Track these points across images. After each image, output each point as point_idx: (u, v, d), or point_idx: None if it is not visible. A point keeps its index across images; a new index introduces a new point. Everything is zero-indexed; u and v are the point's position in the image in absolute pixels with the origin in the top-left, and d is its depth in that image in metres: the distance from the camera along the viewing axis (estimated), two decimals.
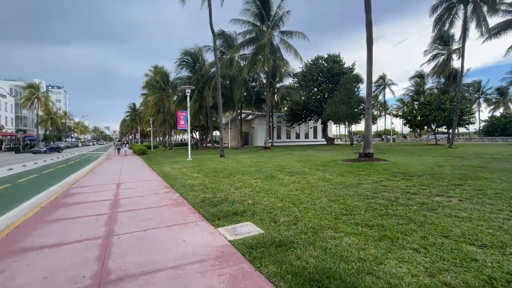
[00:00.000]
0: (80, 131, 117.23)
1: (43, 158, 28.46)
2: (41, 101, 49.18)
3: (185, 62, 31.25)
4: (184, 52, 30.81)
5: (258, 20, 25.76)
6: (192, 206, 6.03)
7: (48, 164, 20.36)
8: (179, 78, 33.27)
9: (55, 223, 5.06)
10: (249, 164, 13.75)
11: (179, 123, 18.62)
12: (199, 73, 30.38)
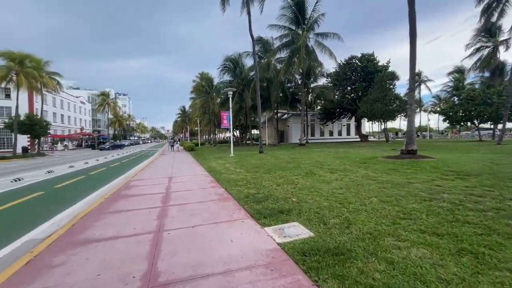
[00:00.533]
0: (141, 131, 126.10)
1: (109, 154, 30.68)
2: (110, 106, 53.58)
3: (227, 68, 31.39)
4: (226, 59, 30.95)
5: (293, 24, 24.73)
6: (237, 201, 5.58)
7: (114, 159, 21.79)
8: (221, 82, 33.60)
9: (114, 215, 4.95)
10: (287, 160, 13.07)
11: (222, 123, 18.56)
12: (240, 77, 30.28)
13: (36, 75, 25.19)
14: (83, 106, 62.42)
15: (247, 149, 27.34)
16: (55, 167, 16.03)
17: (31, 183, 9.74)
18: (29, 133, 27.65)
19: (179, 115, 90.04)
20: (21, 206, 6.41)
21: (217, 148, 33.22)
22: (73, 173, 12.84)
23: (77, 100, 58.72)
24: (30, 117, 27.54)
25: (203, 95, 37.98)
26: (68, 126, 52.96)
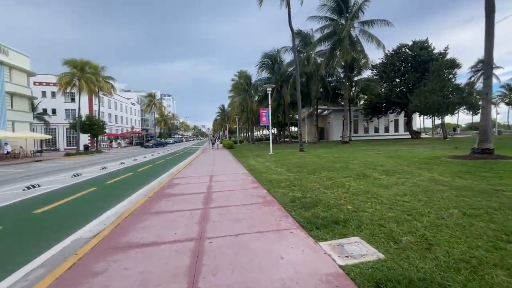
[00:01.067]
0: (184, 129, 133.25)
1: (155, 151, 32.52)
2: (156, 106, 57.32)
3: (265, 65, 30.94)
4: (264, 55, 30.49)
5: (335, 14, 23.16)
6: (282, 206, 5.03)
7: (160, 156, 22.93)
8: (259, 79, 33.29)
9: (156, 217, 4.79)
10: (332, 159, 12.09)
11: (261, 120, 18.17)
12: (278, 73, 29.59)
13: (94, 80, 27.84)
14: (133, 107, 67.87)
15: (285, 147, 26.62)
16: (108, 163, 17.35)
17: (87, 179, 10.48)
18: (89, 132, 30.76)
19: (218, 114, 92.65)
20: (76, 201, 6.75)
21: (255, 146, 33.10)
22: (123, 169, 13.63)
23: (128, 102, 64.00)
24: (89, 118, 30.60)
25: (242, 93, 38.15)
26: (120, 126, 58.05)
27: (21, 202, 6.74)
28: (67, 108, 40.98)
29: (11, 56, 27.47)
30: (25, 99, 29.80)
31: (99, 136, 34.83)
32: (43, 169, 15.11)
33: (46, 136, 30.38)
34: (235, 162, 14.56)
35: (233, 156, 18.92)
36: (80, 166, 16.23)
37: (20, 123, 28.66)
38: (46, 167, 16.66)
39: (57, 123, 40.28)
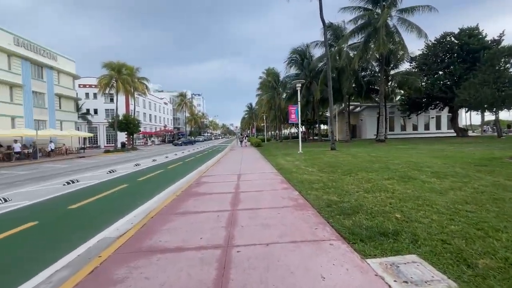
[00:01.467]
0: (213, 128, 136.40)
1: (186, 148, 33.34)
2: (187, 106, 59.19)
3: (293, 61, 30.06)
4: (292, 51, 29.63)
5: (370, 3, 21.60)
6: (317, 211, 4.50)
7: (190, 154, 23.38)
8: (287, 76, 32.48)
9: (182, 218, 4.55)
10: (368, 159, 11.14)
11: (290, 117, 17.55)
12: (307, 69, 28.57)
13: (129, 81, 29.34)
14: (165, 106, 70.85)
15: (315, 145, 25.63)
16: (142, 160, 18.03)
17: (121, 175, 10.82)
18: (126, 131, 32.55)
19: (246, 112, 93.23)
20: (108, 198, 6.85)
21: (283, 144, 32.45)
22: (155, 166, 13.97)
23: (161, 101, 66.92)
24: (126, 117, 32.37)
25: (269, 90, 37.65)
26: (154, 124, 60.90)
27: (60, 197, 7.02)
28: (107, 108, 43.87)
29: (59, 61, 29.99)
30: (70, 100, 32.41)
31: (134, 134, 36.74)
32: (83, 165, 16.12)
33: (88, 134, 32.74)
34: (263, 160, 14.18)
35: (261, 154, 18.57)
36: (116, 163, 17.05)
37: (67, 122, 31.23)
38: (87, 163, 17.79)
39: (98, 122, 43.34)
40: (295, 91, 30.72)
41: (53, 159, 21.13)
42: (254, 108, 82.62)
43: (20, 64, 25.01)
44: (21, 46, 25.09)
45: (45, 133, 24.26)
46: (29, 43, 26.09)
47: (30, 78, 26.03)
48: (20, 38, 25.03)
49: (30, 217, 5.22)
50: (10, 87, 23.99)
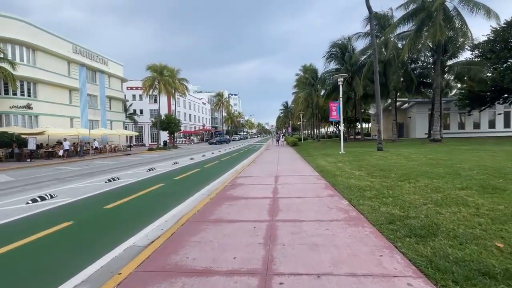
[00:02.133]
0: (249, 127, 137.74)
1: (223, 147, 33.66)
2: (224, 105, 60.34)
3: (333, 55, 28.23)
4: (332, 45, 27.83)
5: None
6: (377, 229, 3.59)
7: (226, 153, 23.37)
8: (326, 72, 30.69)
9: (215, 227, 4.01)
10: (426, 162, 9.55)
11: (331, 114, 16.28)
12: (348, 63, 26.59)
13: (170, 82, 30.60)
14: (204, 106, 73.27)
15: (357, 145, 23.71)
16: (180, 158, 18.40)
17: (159, 174, 10.90)
18: (167, 130, 34.08)
19: (281, 111, 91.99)
20: (143, 198, 6.70)
21: (321, 143, 30.85)
22: (192, 165, 13.99)
23: (200, 102, 69.34)
24: (167, 117, 33.88)
25: (307, 88, 36.13)
26: (193, 124, 63.32)
27: (100, 195, 7.09)
28: (151, 108, 46.66)
29: (109, 65, 32.55)
30: (119, 102, 35.04)
31: (175, 133, 38.37)
32: (127, 162, 16.95)
33: (134, 133, 35.01)
34: (301, 161, 13.27)
35: (298, 154, 17.62)
36: (156, 160, 17.63)
37: (116, 122, 33.82)
38: (131, 160, 18.75)
39: (143, 122, 46.33)
40: (335, 87, 28.96)
41: (103, 156, 22.84)
42: (290, 107, 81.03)
43: (77, 69, 27.61)
44: (78, 53, 27.69)
45: (97, 132, 26.46)
46: (85, 50, 28.69)
47: (85, 82, 28.64)
48: (77, 46, 27.64)
49: (68, 216, 5.19)
50: (69, 90, 26.62)
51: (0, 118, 21.34)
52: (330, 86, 28.19)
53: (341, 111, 15.73)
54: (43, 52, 23.63)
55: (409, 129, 35.25)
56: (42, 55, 23.57)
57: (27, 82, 22.48)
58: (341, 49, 27.72)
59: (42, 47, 23.31)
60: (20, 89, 21.91)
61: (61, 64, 25.66)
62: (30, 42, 22.21)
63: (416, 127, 32.70)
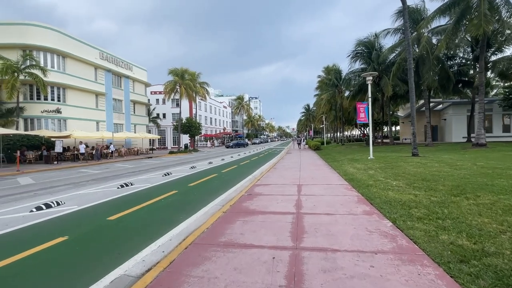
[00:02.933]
0: (269, 130, 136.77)
1: (242, 151, 33.05)
2: (244, 108, 60.03)
3: (359, 54, 26.60)
4: (358, 43, 26.23)
5: None
6: (445, 270, 2.57)
7: (245, 157, 22.67)
8: (352, 72, 29.03)
9: (223, 256, 3.19)
10: (477, 170, 8.09)
11: (358, 116, 14.97)
12: (376, 62, 24.85)
13: (191, 85, 30.68)
14: (224, 110, 73.65)
15: (387, 149, 21.91)
16: (199, 162, 17.97)
17: (174, 179, 10.38)
18: (188, 133, 34.23)
19: (303, 114, 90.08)
20: (151, 209, 6.08)
21: (345, 147, 29.15)
22: (209, 170, 13.40)
23: (221, 105, 69.77)
24: (188, 120, 34.04)
25: (330, 89, 34.58)
26: (214, 127, 63.71)
27: (107, 203, 6.60)
28: (173, 112, 47.47)
29: (134, 70, 33.45)
30: (143, 106, 35.87)
31: (196, 136, 38.54)
32: (146, 166, 16.80)
33: (156, 136, 35.57)
34: (326, 167, 12.16)
35: (322, 159, 16.44)
36: (175, 164, 17.34)
37: (139, 125, 34.60)
38: (150, 163, 18.67)
39: (166, 126, 47.19)
40: (361, 87, 27.27)
41: (125, 159, 23.15)
42: (312, 109, 79.04)
43: (104, 75, 28.56)
44: (104, 59, 28.66)
45: (121, 135, 27.05)
46: (111, 56, 29.65)
47: (111, 87, 29.54)
48: (104, 52, 28.63)
49: (65, 229, 4.67)
50: (96, 95, 27.54)
51: (32, 122, 22.41)
52: (356, 86, 26.56)
53: (369, 112, 14.38)
54: (72, 58, 24.63)
55: (443, 132, 32.38)
56: (71, 61, 24.59)
57: (57, 88, 23.48)
58: (368, 47, 26.06)
59: (72, 54, 24.30)
60: (50, 94, 22.93)
61: (89, 70, 26.64)
62: (60, 50, 23.23)
63: (452, 130, 29.88)
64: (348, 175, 8.90)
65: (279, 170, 11.52)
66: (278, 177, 9.55)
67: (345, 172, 9.72)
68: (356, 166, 11.28)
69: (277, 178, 9.31)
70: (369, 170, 9.82)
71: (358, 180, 7.81)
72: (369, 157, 14.10)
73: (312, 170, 11.15)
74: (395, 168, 9.80)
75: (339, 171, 10.10)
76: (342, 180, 8.27)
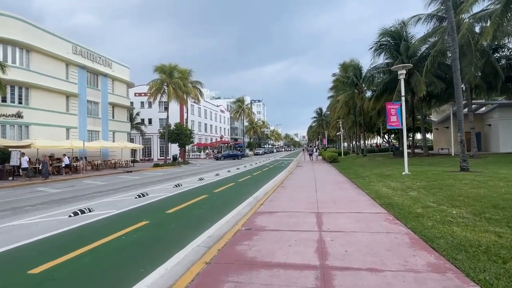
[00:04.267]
0: (275, 138, 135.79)
1: (242, 164, 31.86)
2: (245, 113, 59.18)
3: (383, 46, 25.60)
4: (383, 33, 25.23)
5: None
6: None
7: (246, 171, 21.41)
8: (374, 68, 28.01)
9: None
10: None
11: (389, 120, 13.71)
12: (404, 55, 23.78)
13: (181, 84, 29.81)
14: (222, 114, 72.95)
15: (423, 162, 20.52)
16: (187, 178, 16.78)
17: (150, 202, 9.14)
18: (177, 142, 33.17)
19: (314, 119, 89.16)
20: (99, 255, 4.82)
21: (368, 159, 27.78)
22: (199, 189, 12.19)
23: (218, 109, 69.09)
24: (177, 126, 33.04)
25: (348, 88, 33.53)
26: (210, 135, 62.78)
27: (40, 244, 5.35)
28: (161, 117, 46.62)
29: (113, 68, 32.76)
30: (124, 110, 35.02)
31: (187, 146, 37.45)
32: (121, 183, 15.63)
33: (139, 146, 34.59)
34: (349, 185, 10.87)
35: (342, 174, 15.14)
36: (156, 181, 16.17)
37: (119, 133, 33.62)
38: (127, 180, 17.50)
39: (152, 133, 46.27)
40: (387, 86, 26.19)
41: (98, 174, 22.00)
42: (325, 114, 78.10)
43: (77, 72, 27.82)
44: (78, 54, 28.00)
45: (96, 145, 26.03)
46: (86, 51, 29.01)
47: (85, 86, 28.76)
48: (78, 46, 28.00)
49: None
50: (67, 96, 26.72)
51: None
52: (380, 85, 25.45)
53: (403, 114, 13.16)
54: (39, 52, 23.92)
55: (488, 140, 30.90)
56: (37, 56, 23.86)
57: (19, 88, 22.66)
58: (394, 38, 25.08)
59: (38, 48, 23.60)
60: (10, 95, 22.06)
61: (59, 67, 25.90)
62: (24, 42, 22.52)
63: (499, 138, 28.43)
64: (382, 198, 7.61)
65: (288, 190, 10.23)
66: (288, 200, 8.27)
67: (378, 193, 8.43)
68: (389, 184, 9.99)
69: (286, 201, 8.03)
70: (409, 190, 8.53)
71: (399, 206, 6.52)
72: (404, 172, 12.79)
73: (332, 190, 9.87)
74: (444, 188, 8.48)
75: (369, 192, 8.82)
76: (376, 206, 6.97)
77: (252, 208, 7.41)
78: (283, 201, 8.10)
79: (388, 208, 6.53)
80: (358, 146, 43.09)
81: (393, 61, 26.14)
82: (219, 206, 8.18)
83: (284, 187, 11.05)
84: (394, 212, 6.11)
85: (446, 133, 31.32)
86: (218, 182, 14.35)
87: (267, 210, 7.01)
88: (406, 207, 6.45)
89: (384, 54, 26.30)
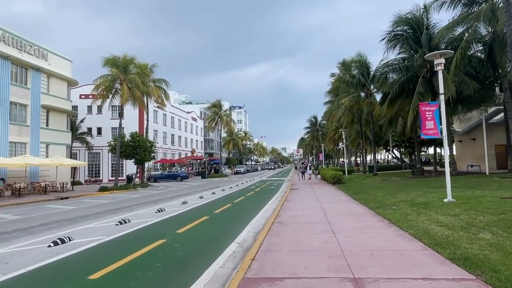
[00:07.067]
0: (259, 153, 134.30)
1: (220, 186, 29.78)
2: (223, 121, 57.12)
3: (398, 36, 24.64)
4: (397, 21, 24.26)
5: None
6: None
7: (223, 196, 19.28)
8: (386, 65, 26.99)
9: None
10: None
11: (423, 127, 11.97)
12: (426, 47, 22.85)
13: (138, 82, 27.50)
14: (194, 123, 70.74)
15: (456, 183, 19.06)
16: (140, 209, 14.55)
17: (68, 256, 6.79)
18: (132, 157, 30.51)
19: (307, 130, 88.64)
20: None
21: (381, 180, 26.28)
22: (153, 227, 9.95)
23: (189, 116, 66.87)
24: (134, 137, 30.48)
25: (353, 90, 32.42)
26: (178, 149, 60.18)
27: None
28: (113, 126, 43.75)
29: (50, 60, 30.08)
30: (63, 115, 32.14)
31: (146, 163, 34.83)
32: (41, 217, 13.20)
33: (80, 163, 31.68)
34: (376, 220, 9.01)
35: (356, 201, 13.37)
36: (96, 213, 13.81)
37: (56, 145, 30.58)
38: (54, 211, 15.10)
39: (102, 146, 43.06)
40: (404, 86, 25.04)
41: (17, 202, 19.12)
42: (321, 123, 77.57)
43: None
44: (1, 40, 25.28)
45: (19, 162, 23.07)
46: (12, 37, 26.31)
47: (8, 83, 25.89)
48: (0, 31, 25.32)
49: None
50: None
51: None
52: (395, 85, 24.33)
53: (442, 119, 11.58)
54: None
55: None
56: None
57: None
58: (412, 27, 24.21)
59: None
60: None
61: None
62: None
63: None
64: (444, 246, 5.77)
65: (290, 229, 8.19)
66: (293, 249, 6.22)
67: (430, 235, 6.63)
68: (437, 219, 8.25)
69: (292, 253, 5.97)
70: (475, 229, 6.81)
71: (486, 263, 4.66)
72: (446, 199, 11.07)
73: (358, 230, 7.97)
74: None
75: (414, 233, 6.95)
76: (444, 262, 5.06)
77: (237, 268, 5.30)
78: (287, 252, 6.05)
79: (468, 267, 4.62)
80: (364, 162, 41.90)
81: (410, 54, 25.28)
82: (178, 269, 5.97)
83: (282, 224, 9.01)
84: (487, 278, 4.20)
85: (474, 146, 30.55)
86: (184, 215, 12.16)
87: (263, 274, 4.90)
88: (498, 264, 4.59)
89: (398, 47, 25.38)
